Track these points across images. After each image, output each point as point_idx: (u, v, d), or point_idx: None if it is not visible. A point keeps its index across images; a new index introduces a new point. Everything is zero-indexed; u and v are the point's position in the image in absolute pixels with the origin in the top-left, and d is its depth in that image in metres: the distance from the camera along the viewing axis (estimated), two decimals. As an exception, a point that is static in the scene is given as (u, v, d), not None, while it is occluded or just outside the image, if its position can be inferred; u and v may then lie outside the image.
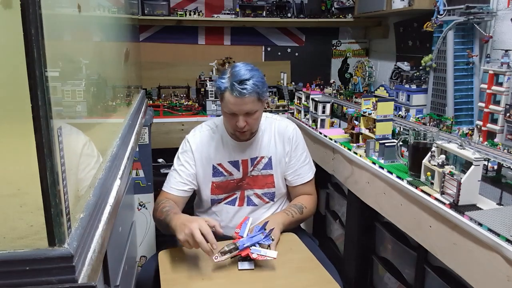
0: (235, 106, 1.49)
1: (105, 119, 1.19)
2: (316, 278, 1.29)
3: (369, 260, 1.90)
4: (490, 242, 1.02)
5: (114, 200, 0.90)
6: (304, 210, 1.65)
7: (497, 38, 1.83)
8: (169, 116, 2.60)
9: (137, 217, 2.11)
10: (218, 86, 1.53)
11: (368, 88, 2.88)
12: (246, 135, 1.60)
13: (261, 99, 1.54)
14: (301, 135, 1.75)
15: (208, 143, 1.66)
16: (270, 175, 1.67)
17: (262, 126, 1.68)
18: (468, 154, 1.18)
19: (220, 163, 1.65)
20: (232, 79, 1.48)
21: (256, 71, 1.53)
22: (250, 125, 1.55)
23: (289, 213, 1.61)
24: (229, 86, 1.48)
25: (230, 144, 1.65)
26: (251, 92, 1.47)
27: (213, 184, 1.65)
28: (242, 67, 1.51)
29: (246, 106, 1.49)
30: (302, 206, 1.65)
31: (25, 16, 0.52)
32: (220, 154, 1.65)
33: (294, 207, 1.64)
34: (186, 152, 1.65)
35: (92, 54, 1.05)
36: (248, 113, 1.52)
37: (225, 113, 1.57)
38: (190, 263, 1.35)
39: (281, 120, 1.74)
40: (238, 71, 1.49)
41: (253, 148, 1.66)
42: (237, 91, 1.46)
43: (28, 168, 0.57)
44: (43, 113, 0.55)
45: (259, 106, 1.55)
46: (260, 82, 1.51)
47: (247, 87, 1.46)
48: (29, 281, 0.60)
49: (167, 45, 3.08)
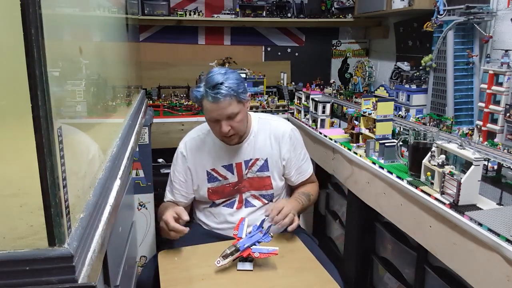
0: (214, 112, 1.50)
1: (105, 119, 1.19)
2: (316, 278, 1.29)
3: (369, 260, 1.90)
4: (490, 242, 1.02)
5: (114, 200, 0.90)
6: (311, 198, 1.72)
7: (497, 38, 1.83)
8: (169, 116, 2.60)
9: (137, 217, 2.10)
10: (194, 95, 1.53)
11: (368, 88, 2.88)
12: (233, 139, 1.59)
13: (240, 101, 1.53)
14: (299, 134, 1.76)
15: (200, 150, 1.67)
16: (267, 177, 1.67)
17: (255, 127, 1.68)
18: (468, 154, 1.18)
19: (213, 168, 1.65)
20: (206, 85, 1.48)
21: (231, 73, 1.52)
22: (235, 129, 1.54)
23: (300, 201, 1.65)
24: (204, 93, 1.49)
25: (223, 148, 1.65)
26: (225, 95, 1.46)
27: (209, 190, 1.66)
28: (216, 71, 1.51)
29: (225, 110, 1.49)
30: (309, 194, 1.71)
31: (25, 16, 0.52)
32: (213, 159, 1.65)
33: (302, 195, 1.69)
34: (179, 163, 1.68)
35: (92, 54, 1.05)
36: (229, 117, 1.51)
37: (208, 121, 1.58)
38: (190, 263, 1.35)
39: (277, 121, 1.73)
40: (211, 76, 1.49)
41: (246, 150, 1.66)
42: (211, 97, 1.46)
43: (28, 168, 0.57)
44: (43, 113, 0.55)
45: (240, 108, 1.53)
46: (235, 83, 1.49)
47: (221, 91, 1.46)
48: (29, 281, 0.60)
49: (167, 45, 3.08)
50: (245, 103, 1.57)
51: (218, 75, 1.49)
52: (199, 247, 1.47)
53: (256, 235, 1.35)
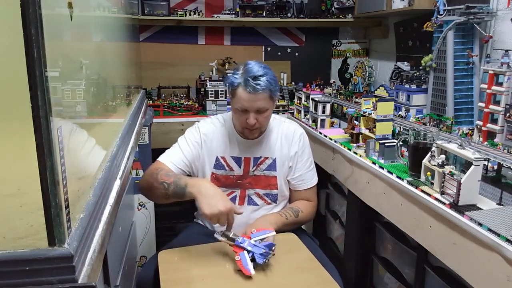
0: (247, 102, 1.49)
1: (105, 119, 1.18)
2: (316, 278, 1.29)
3: (369, 260, 1.90)
4: (490, 242, 1.02)
5: (114, 200, 0.90)
6: (300, 214, 1.64)
7: (497, 38, 1.83)
8: (169, 116, 2.60)
9: (137, 217, 2.11)
10: (231, 81, 1.53)
11: (368, 88, 2.88)
12: (255, 133, 1.61)
13: (272, 97, 1.55)
14: (308, 141, 1.75)
15: (216, 135, 1.66)
16: (273, 176, 1.67)
17: (270, 126, 1.69)
18: (468, 154, 1.18)
19: (223, 156, 1.65)
20: (246, 74, 1.48)
21: (269, 69, 1.54)
22: (260, 123, 1.55)
23: (283, 215, 1.60)
24: (243, 81, 1.48)
25: (236, 140, 1.65)
26: (264, 89, 1.48)
27: (212, 175, 1.65)
28: (256, 64, 1.53)
29: (258, 102, 1.50)
30: (299, 210, 1.64)
31: (25, 16, 0.52)
32: (225, 147, 1.65)
33: (289, 209, 1.64)
34: (194, 135, 1.65)
35: (92, 54, 1.05)
36: (259, 111, 1.52)
37: (236, 110, 1.56)
38: (190, 263, 1.35)
39: (289, 123, 1.74)
40: (252, 67, 1.50)
41: (257, 147, 1.66)
42: (250, 87, 1.46)
43: (28, 168, 0.57)
44: (43, 113, 0.55)
45: (270, 105, 1.56)
46: (273, 80, 1.52)
47: (261, 83, 1.47)
48: (29, 281, 0.60)
49: (167, 45, 3.07)
50: (275, 101, 1.60)
51: (259, 67, 1.50)
52: (199, 247, 1.47)
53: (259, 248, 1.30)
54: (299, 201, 1.71)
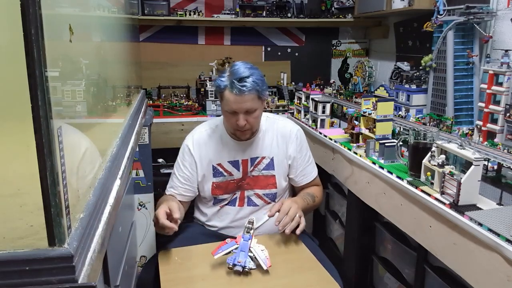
0: (235, 104, 1.50)
1: (105, 119, 1.18)
2: (316, 278, 1.29)
3: (369, 260, 1.90)
4: (490, 242, 1.02)
5: (114, 200, 0.90)
6: (316, 199, 1.71)
7: (497, 38, 1.83)
8: (169, 116, 2.60)
9: (137, 217, 2.10)
10: (217, 84, 1.53)
11: (368, 88, 2.88)
12: (246, 134, 1.60)
13: (261, 97, 1.54)
14: (304, 136, 1.76)
15: (207, 144, 1.66)
16: (272, 175, 1.67)
17: (263, 126, 1.68)
18: (468, 154, 1.18)
19: (219, 163, 1.65)
20: (232, 77, 1.49)
21: (256, 69, 1.54)
22: (251, 124, 1.55)
23: (305, 200, 1.64)
24: (229, 84, 1.49)
25: (230, 143, 1.65)
26: (250, 90, 1.48)
27: (213, 184, 1.65)
28: (241, 65, 1.52)
29: (246, 103, 1.50)
30: (314, 195, 1.71)
31: (25, 16, 0.52)
32: (220, 154, 1.65)
33: (307, 195, 1.68)
34: (185, 157, 1.66)
35: (92, 54, 1.05)
36: (248, 112, 1.52)
37: (225, 112, 1.57)
38: (190, 263, 1.35)
39: (284, 121, 1.74)
40: (237, 69, 1.50)
41: (253, 148, 1.66)
42: (236, 89, 1.47)
43: (28, 168, 0.57)
44: (43, 113, 0.55)
45: (259, 105, 1.56)
46: (260, 80, 1.52)
47: (247, 85, 1.47)
48: (29, 281, 0.59)
49: (167, 45, 3.08)
50: (264, 101, 1.60)
51: (245, 68, 1.50)
52: (199, 247, 1.47)
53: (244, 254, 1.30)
54: (311, 187, 1.75)
